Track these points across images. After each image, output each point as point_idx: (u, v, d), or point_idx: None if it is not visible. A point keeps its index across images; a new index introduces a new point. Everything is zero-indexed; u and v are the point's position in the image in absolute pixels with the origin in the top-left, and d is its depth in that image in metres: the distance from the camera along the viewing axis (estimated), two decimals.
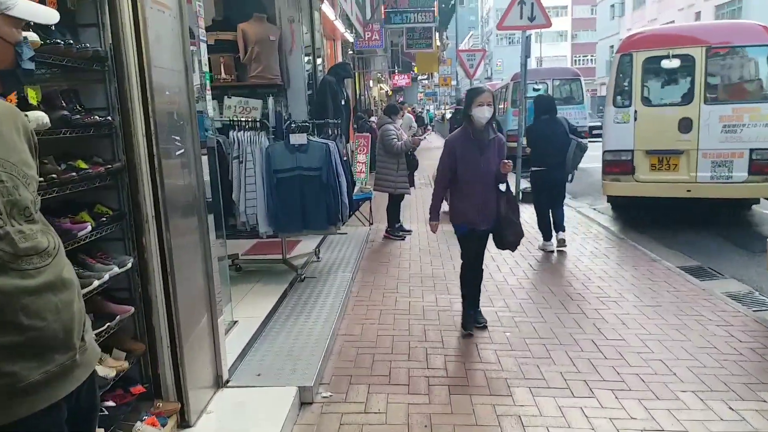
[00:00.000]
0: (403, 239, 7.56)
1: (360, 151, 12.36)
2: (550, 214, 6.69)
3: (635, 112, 7.70)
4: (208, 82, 3.90)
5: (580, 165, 6.72)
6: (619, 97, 7.90)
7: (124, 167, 2.56)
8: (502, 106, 17.75)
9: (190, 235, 2.85)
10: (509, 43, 71.24)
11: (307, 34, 8.07)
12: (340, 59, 11.88)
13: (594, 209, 9.63)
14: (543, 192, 6.68)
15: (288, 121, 5.88)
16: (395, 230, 7.70)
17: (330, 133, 5.92)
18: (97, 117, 2.41)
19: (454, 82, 27.20)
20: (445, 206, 4.41)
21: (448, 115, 27.61)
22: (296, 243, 6.44)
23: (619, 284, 5.37)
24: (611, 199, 8.89)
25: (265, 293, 4.90)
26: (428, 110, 46.20)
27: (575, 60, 58.34)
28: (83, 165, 2.36)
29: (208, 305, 3.05)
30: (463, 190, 4.23)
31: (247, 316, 4.29)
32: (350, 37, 11.73)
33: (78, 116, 2.31)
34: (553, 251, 6.64)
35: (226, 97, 5.56)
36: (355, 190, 11.32)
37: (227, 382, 3.33)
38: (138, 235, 2.61)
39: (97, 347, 1.69)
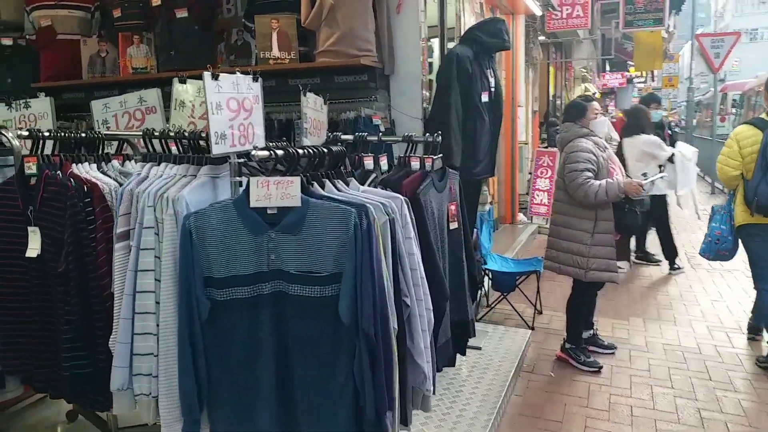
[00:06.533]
0: (599, 371, 3.80)
1: (541, 173, 8.52)
2: None
3: None
4: None
5: None
6: None
7: None
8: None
9: None
10: (750, 39, 60.27)
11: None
12: (521, 45, 8.22)
13: None
14: None
15: (362, 132, 2.70)
16: (580, 349, 3.95)
17: (402, 163, 2.45)
18: None
19: (681, 83, 21.47)
20: None
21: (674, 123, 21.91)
22: None
23: None
24: None
25: None
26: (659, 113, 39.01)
27: None
28: None
29: None
30: None
31: None
32: (537, 10, 8.01)
33: None
34: None
35: (175, 80, 2.44)
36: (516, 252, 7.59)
37: None
38: None
39: None
